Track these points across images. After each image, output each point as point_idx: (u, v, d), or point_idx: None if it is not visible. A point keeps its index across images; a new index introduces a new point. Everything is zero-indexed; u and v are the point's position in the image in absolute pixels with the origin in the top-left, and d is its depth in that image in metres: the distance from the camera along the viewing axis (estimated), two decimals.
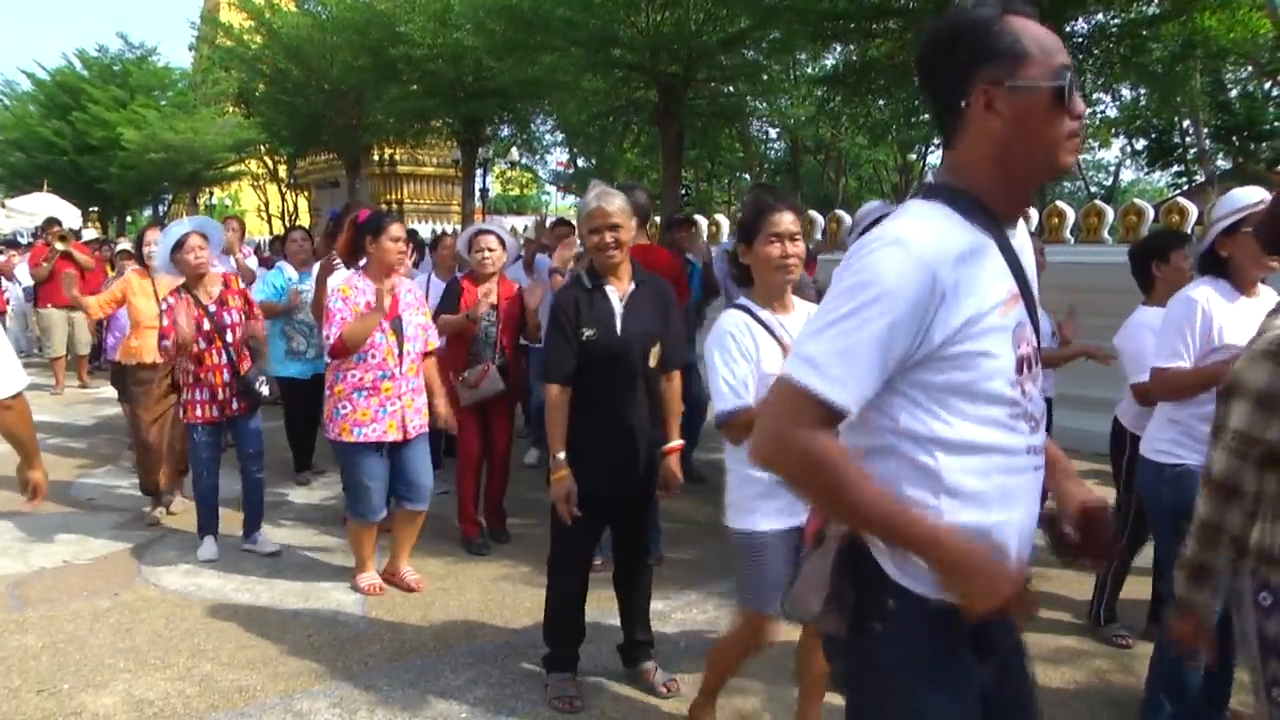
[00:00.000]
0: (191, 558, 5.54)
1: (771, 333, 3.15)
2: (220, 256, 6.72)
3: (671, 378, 3.99)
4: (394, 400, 4.84)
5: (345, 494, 5.20)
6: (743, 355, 3.11)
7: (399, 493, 5.10)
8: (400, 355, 4.88)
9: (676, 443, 3.96)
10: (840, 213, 11.16)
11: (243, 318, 5.61)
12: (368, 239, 4.90)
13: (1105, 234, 8.92)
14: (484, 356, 5.67)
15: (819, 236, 10.79)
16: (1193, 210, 8.19)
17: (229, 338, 5.49)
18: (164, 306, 5.48)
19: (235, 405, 5.51)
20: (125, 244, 9.01)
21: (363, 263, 5.01)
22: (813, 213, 10.82)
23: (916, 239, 1.64)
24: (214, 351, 5.45)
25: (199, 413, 5.47)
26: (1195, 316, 3.36)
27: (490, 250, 5.67)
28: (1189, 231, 7.71)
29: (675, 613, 4.80)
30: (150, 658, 4.29)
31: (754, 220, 3.19)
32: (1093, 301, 6.20)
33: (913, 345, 1.65)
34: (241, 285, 5.82)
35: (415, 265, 7.31)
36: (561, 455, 3.75)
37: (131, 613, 4.80)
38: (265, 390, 5.57)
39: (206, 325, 5.44)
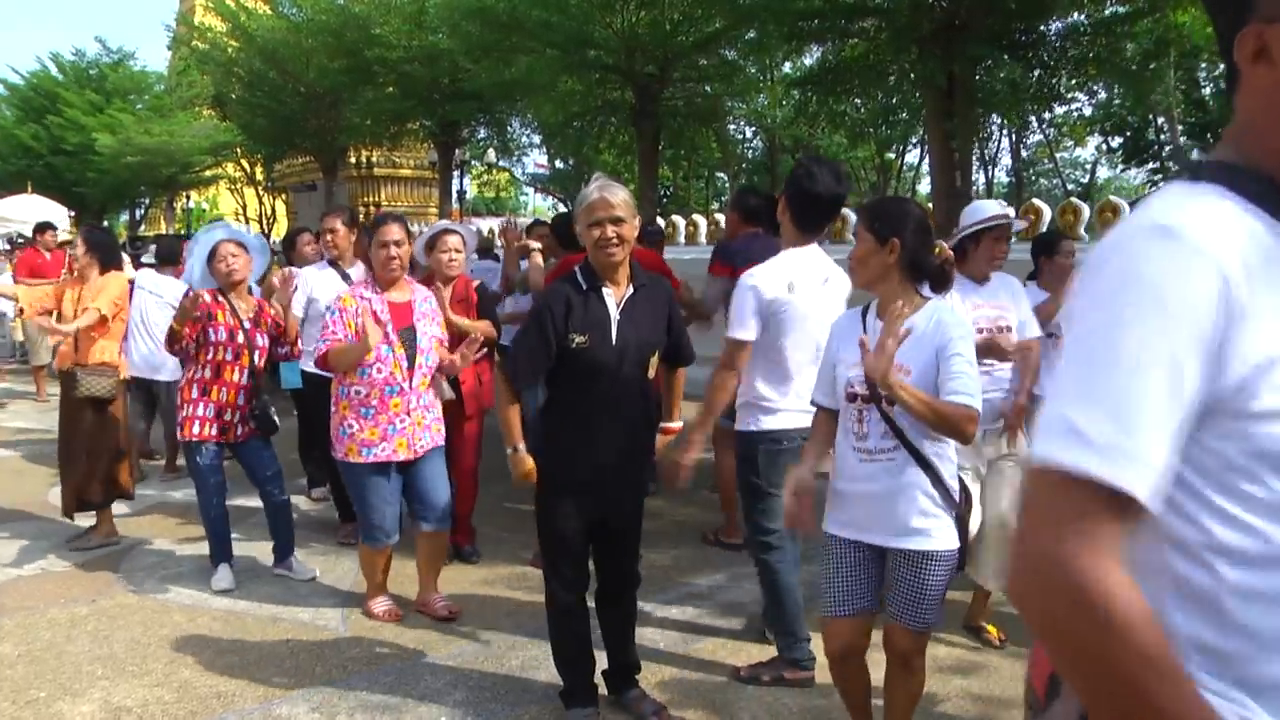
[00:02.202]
0: (170, 564, 5.52)
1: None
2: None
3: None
4: (402, 417, 4.51)
5: (356, 517, 4.90)
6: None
7: (415, 513, 4.76)
8: (410, 369, 4.55)
9: (675, 424, 3.79)
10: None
11: (270, 344, 5.27)
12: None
13: (1082, 231, 8.99)
14: None
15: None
16: None
17: (256, 359, 5.17)
18: (183, 298, 5.18)
19: (239, 430, 5.14)
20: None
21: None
22: None
23: (1191, 226, 1.10)
24: (236, 368, 5.09)
25: (199, 430, 5.05)
26: None
27: (457, 251, 5.36)
28: None
29: (655, 612, 4.81)
30: (128, 665, 4.27)
31: None
32: None
33: (1203, 385, 1.08)
34: (274, 312, 5.40)
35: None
36: (522, 447, 3.55)
37: (109, 620, 4.77)
38: (277, 420, 5.29)
39: (240, 338, 5.10)
